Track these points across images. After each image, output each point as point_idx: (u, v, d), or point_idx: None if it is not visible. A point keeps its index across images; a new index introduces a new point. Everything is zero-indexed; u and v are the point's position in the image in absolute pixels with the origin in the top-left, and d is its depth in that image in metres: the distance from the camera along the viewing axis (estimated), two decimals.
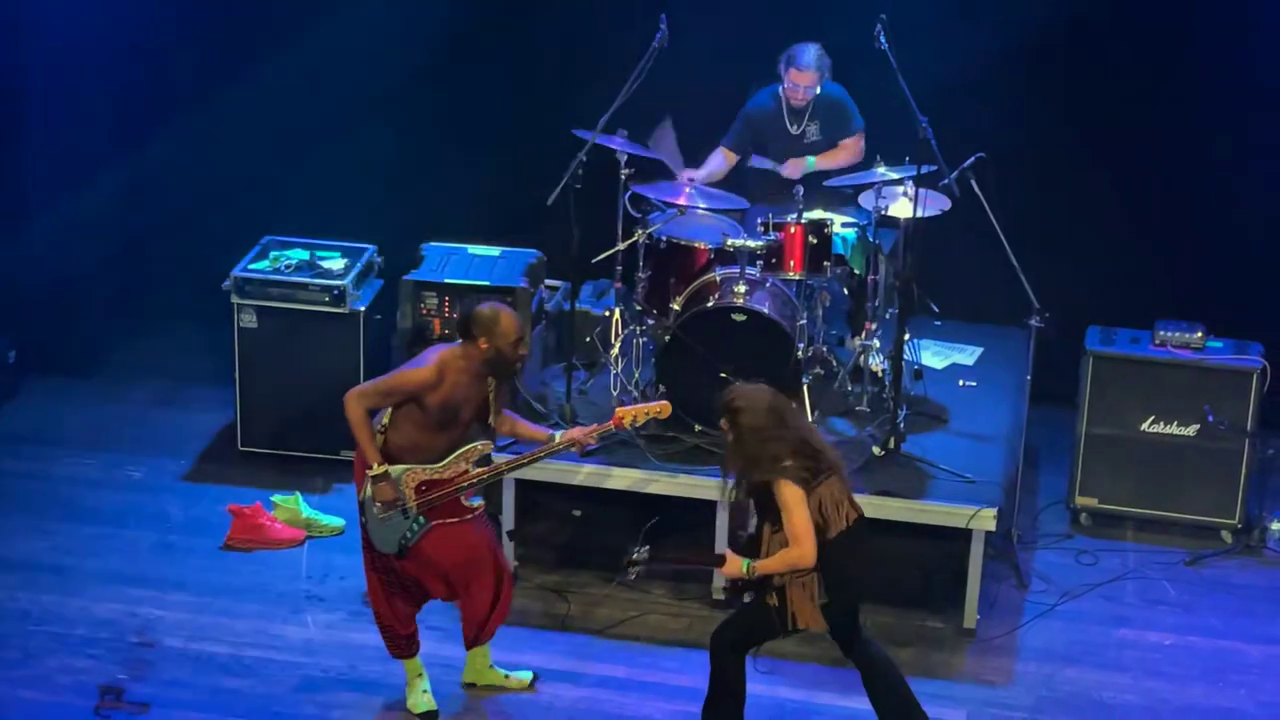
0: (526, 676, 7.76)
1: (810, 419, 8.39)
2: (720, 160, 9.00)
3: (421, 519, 7.24)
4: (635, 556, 7.00)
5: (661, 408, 7.61)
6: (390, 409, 7.26)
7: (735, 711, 7.16)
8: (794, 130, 8.96)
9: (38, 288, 9.99)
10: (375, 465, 7.18)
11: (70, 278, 10.03)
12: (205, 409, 9.78)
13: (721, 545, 8.23)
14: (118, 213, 10.04)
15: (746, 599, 7.23)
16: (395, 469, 7.20)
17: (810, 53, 8.78)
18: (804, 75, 8.79)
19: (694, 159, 8.93)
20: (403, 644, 7.53)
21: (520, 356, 7.29)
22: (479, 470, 7.31)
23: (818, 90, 8.85)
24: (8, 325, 10.02)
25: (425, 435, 7.20)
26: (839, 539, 6.88)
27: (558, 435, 7.47)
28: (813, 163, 8.85)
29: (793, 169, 8.84)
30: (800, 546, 6.82)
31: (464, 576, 7.41)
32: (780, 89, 8.92)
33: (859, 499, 7.22)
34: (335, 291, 9.17)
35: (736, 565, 6.95)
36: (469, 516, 7.36)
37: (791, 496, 6.80)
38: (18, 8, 9.63)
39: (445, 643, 7.79)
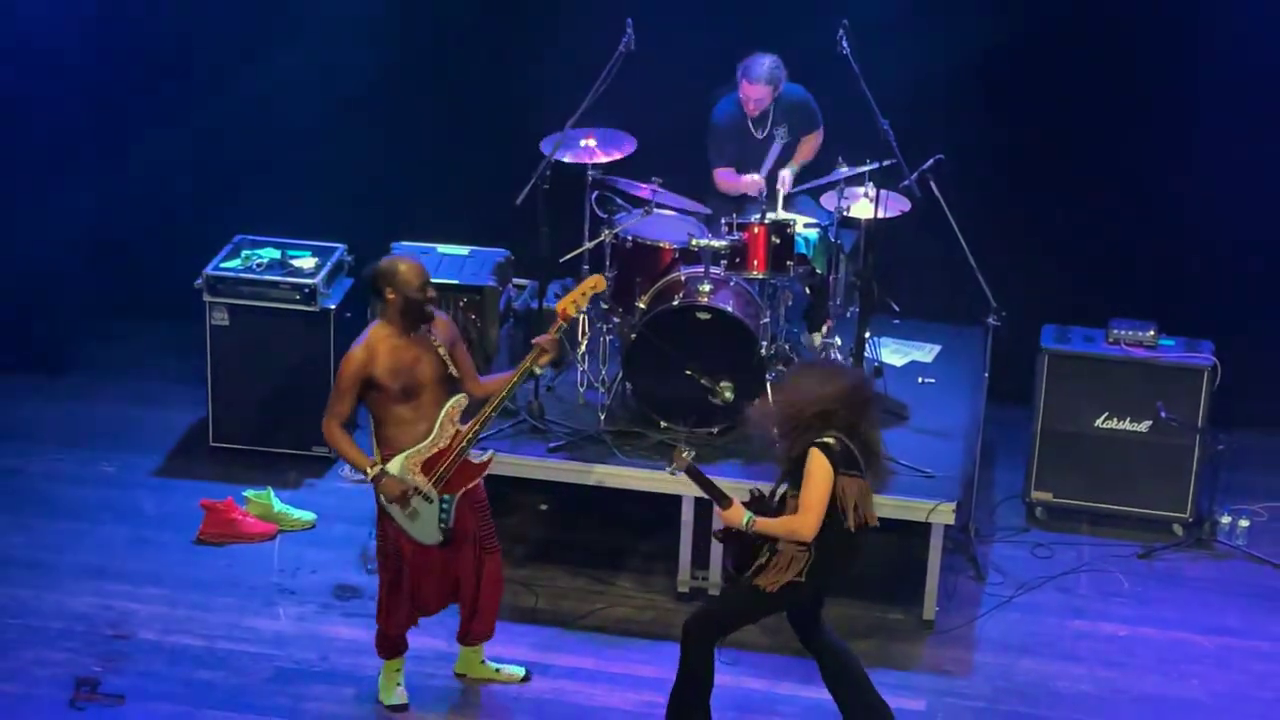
0: (519, 673, 7.76)
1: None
2: (735, 177, 8.99)
3: (447, 497, 7.22)
4: (685, 455, 6.94)
5: (594, 281, 7.57)
6: (371, 414, 7.24)
7: (702, 700, 7.17)
8: (759, 135, 8.97)
9: (10, 285, 9.93)
10: (369, 469, 7.18)
11: (43, 276, 9.98)
12: (178, 405, 9.75)
13: (687, 539, 8.26)
14: (91, 212, 10.00)
15: (711, 586, 7.20)
16: (394, 463, 7.18)
17: (763, 66, 8.79)
18: (755, 88, 8.81)
19: (662, 162, 8.88)
20: (394, 649, 7.53)
21: (429, 299, 7.19)
22: (469, 425, 7.28)
23: (769, 102, 8.86)
24: None
25: (402, 412, 7.18)
26: (842, 533, 6.88)
27: (524, 363, 7.43)
28: (793, 171, 8.89)
29: (784, 182, 8.86)
30: (805, 517, 6.78)
31: (477, 542, 7.42)
32: (738, 95, 8.94)
33: None
34: (306, 290, 9.16)
35: (738, 515, 6.90)
36: (483, 474, 7.35)
37: (820, 469, 6.76)
38: None
39: (421, 636, 7.77)
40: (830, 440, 6.78)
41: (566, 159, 8.51)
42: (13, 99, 9.74)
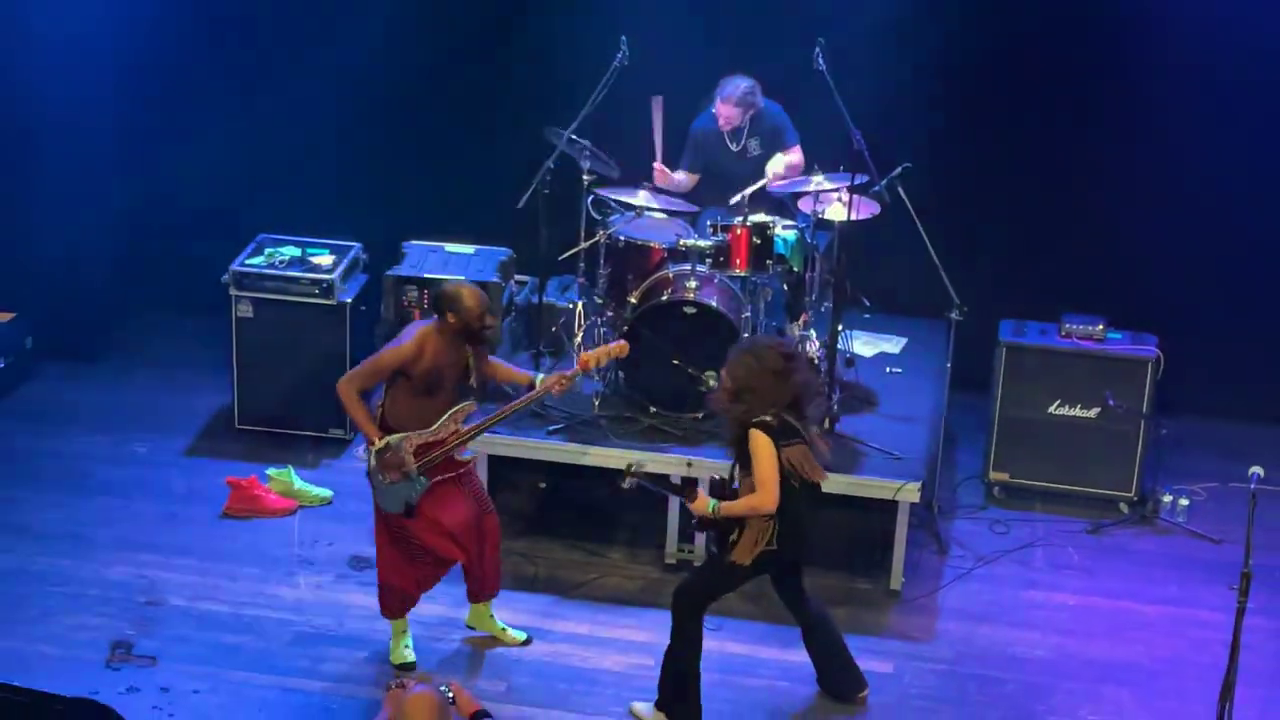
0: (522, 636, 7.78)
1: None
2: (685, 179, 9.02)
3: (423, 479, 7.25)
4: (633, 469, 7.00)
5: (619, 348, 7.62)
6: (386, 393, 7.28)
7: (693, 661, 7.18)
8: (734, 148, 8.96)
9: (52, 280, 9.93)
10: (376, 440, 7.20)
11: (82, 271, 9.98)
12: (205, 391, 9.73)
13: (674, 517, 8.27)
14: (126, 212, 10.00)
15: (696, 557, 7.21)
16: (394, 437, 7.21)
17: (738, 89, 8.78)
18: (726, 107, 8.81)
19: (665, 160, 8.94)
20: (396, 606, 7.54)
21: (486, 326, 7.27)
22: (469, 427, 7.33)
23: (739, 121, 8.85)
24: (25, 314, 9.95)
25: (417, 402, 7.22)
26: (799, 499, 6.90)
27: (539, 379, 7.46)
28: (777, 173, 8.86)
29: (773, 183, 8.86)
30: (763, 492, 6.81)
31: (469, 518, 7.44)
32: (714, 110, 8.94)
33: None
34: (324, 285, 9.14)
35: (704, 503, 6.95)
36: (462, 470, 7.40)
37: (762, 446, 6.80)
38: (29, 11, 9.54)
39: (427, 603, 7.77)
40: (767, 418, 6.84)
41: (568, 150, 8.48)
42: (54, 106, 9.70)
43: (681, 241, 8.45)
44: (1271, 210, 9.39)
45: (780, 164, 8.91)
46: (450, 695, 5.84)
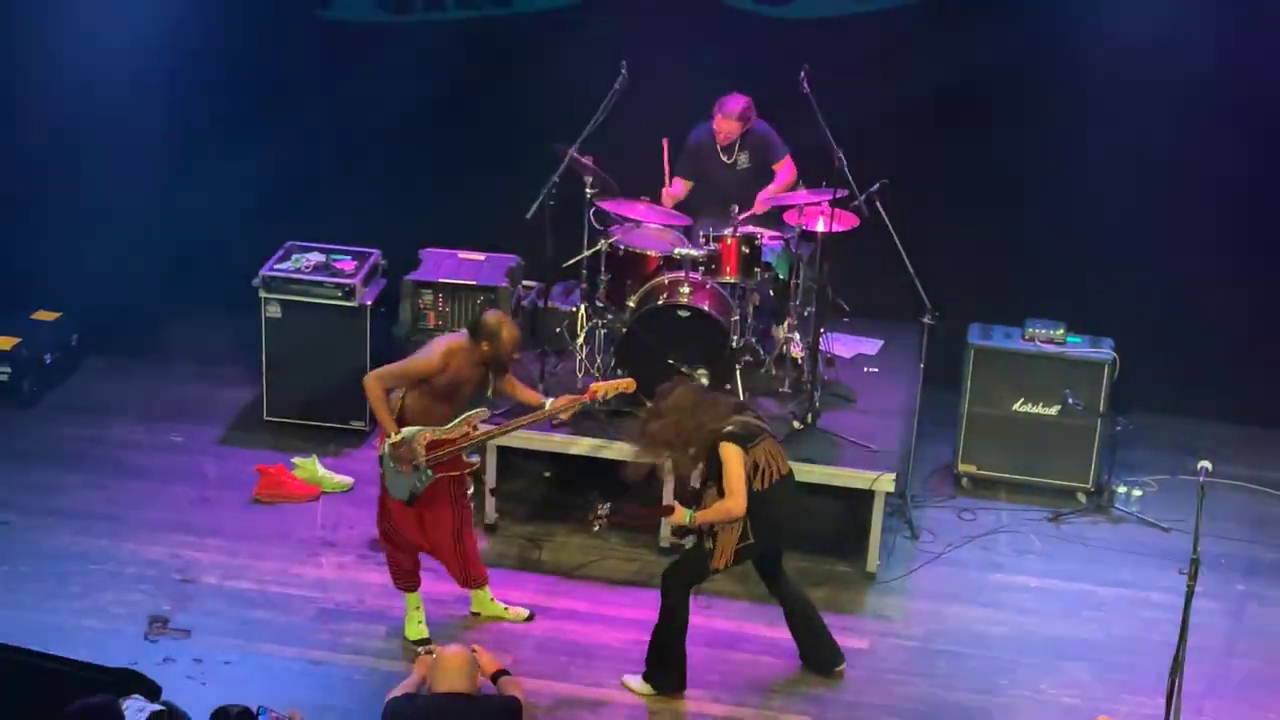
0: (524, 613, 7.77)
1: (742, 397, 8.39)
2: (680, 187, 9.00)
3: (429, 472, 7.24)
4: (600, 511, 7.05)
5: (627, 384, 7.68)
6: (406, 392, 7.28)
7: (679, 638, 7.18)
8: (727, 160, 8.96)
9: (96, 282, 9.91)
10: (394, 434, 7.19)
11: (124, 273, 9.95)
12: (237, 385, 9.72)
13: (667, 501, 8.24)
14: (165, 219, 9.97)
15: (688, 543, 7.23)
16: (409, 430, 7.20)
17: (736, 106, 8.76)
18: (726, 122, 8.79)
19: (653, 179, 8.90)
20: (404, 578, 7.55)
21: (513, 360, 7.38)
22: (480, 432, 7.34)
23: (736, 136, 8.83)
24: (71, 313, 9.95)
25: (434, 404, 7.25)
26: (770, 491, 6.91)
27: (548, 403, 7.48)
28: (769, 192, 8.85)
29: (761, 204, 8.84)
30: (733, 499, 6.88)
31: (446, 533, 7.46)
32: (712, 126, 8.92)
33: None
34: (346, 289, 9.13)
35: (681, 515, 7.01)
36: (467, 471, 7.40)
37: (731, 455, 6.86)
38: (78, 31, 9.49)
39: (442, 581, 7.76)
40: (730, 427, 6.90)
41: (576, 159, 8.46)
42: (100, 123, 9.70)
43: (676, 251, 8.45)
44: (1219, 225, 9.36)
45: (774, 188, 8.92)
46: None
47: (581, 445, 8.35)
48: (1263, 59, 9.02)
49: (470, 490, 7.61)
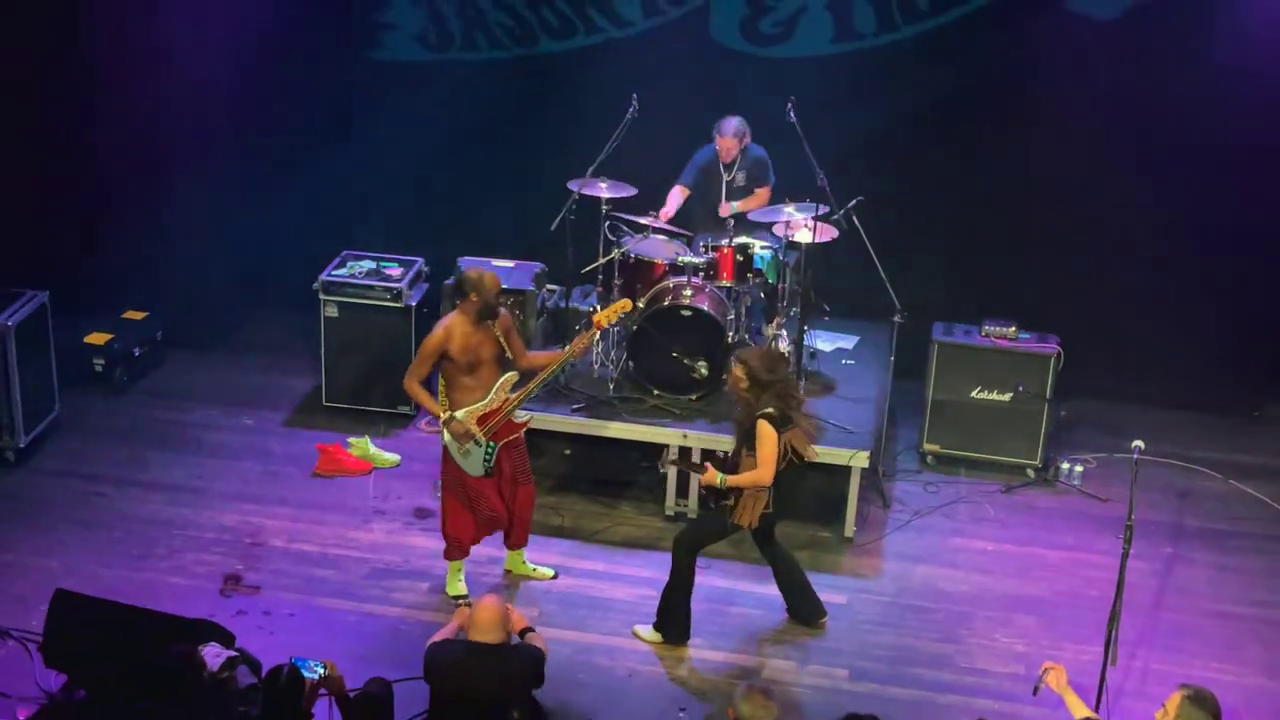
0: (549, 572, 7.78)
1: (672, 464, 8.35)
2: (678, 195, 8.99)
3: (491, 444, 7.25)
4: (670, 457, 7.32)
5: (624, 304, 7.61)
6: (441, 380, 7.27)
7: (685, 593, 7.20)
8: (727, 177, 8.96)
9: (178, 284, 9.93)
10: (443, 414, 7.21)
11: (202, 277, 9.97)
12: (299, 374, 9.73)
13: (672, 476, 8.27)
14: (237, 231, 9.96)
15: (713, 505, 7.22)
16: (459, 414, 7.21)
17: (731, 124, 8.76)
18: (725, 140, 8.79)
19: (659, 193, 8.92)
20: (455, 553, 7.56)
21: (500, 301, 7.25)
22: (517, 394, 7.32)
23: (737, 152, 8.84)
24: (156, 312, 9.95)
25: (466, 380, 7.23)
26: (789, 471, 6.96)
27: (566, 349, 7.49)
28: (735, 208, 8.80)
29: (724, 210, 8.83)
30: (764, 469, 6.90)
31: (516, 479, 7.45)
32: (715, 148, 8.93)
33: None
34: (394, 292, 9.14)
35: (714, 476, 7.00)
36: (521, 432, 7.38)
37: (767, 433, 6.86)
38: (165, 62, 9.52)
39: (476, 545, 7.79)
40: (771, 410, 6.87)
41: (586, 192, 8.47)
42: (182, 143, 9.69)
43: (680, 258, 8.46)
44: (1150, 238, 9.35)
45: (739, 205, 8.84)
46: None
47: (597, 427, 8.35)
48: (1196, 86, 9.01)
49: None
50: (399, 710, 6.13)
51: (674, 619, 7.27)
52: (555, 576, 7.78)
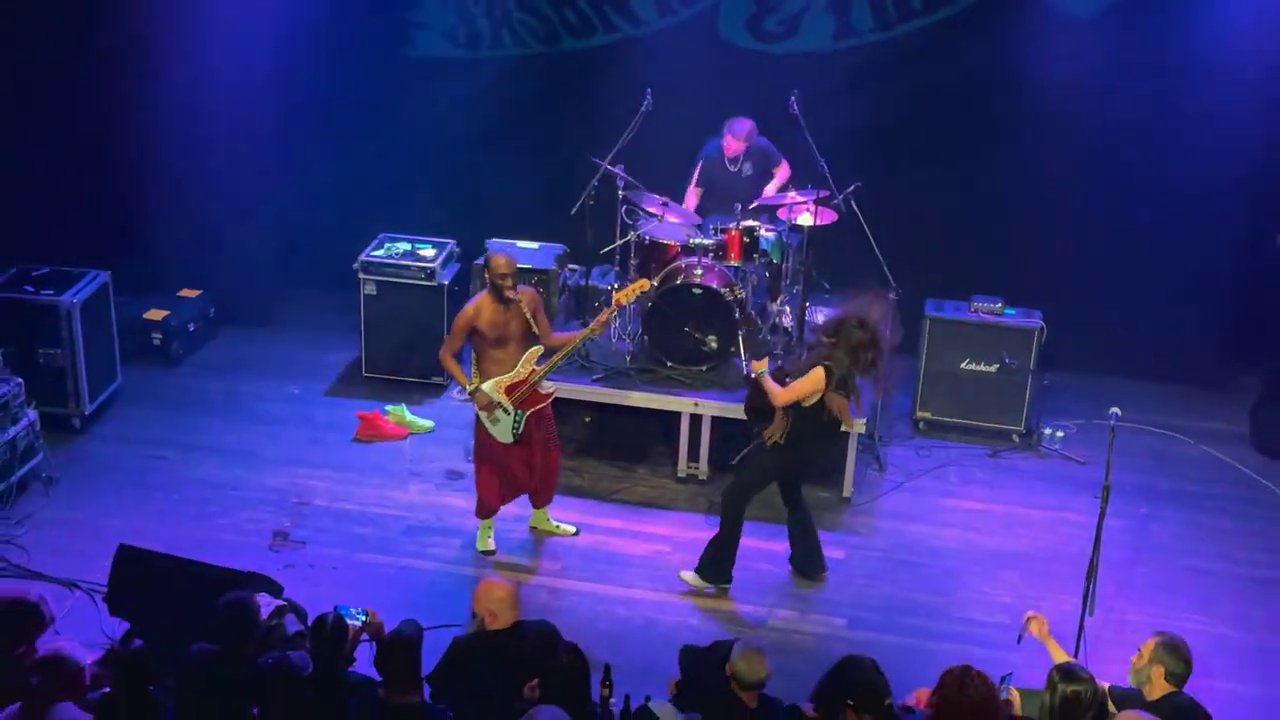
0: (571, 529, 7.78)
1: (742, 358, 8.38)
2: (693, 196, 8.96)
3: (519, 412, 7.24)
4: (758, 366, 7.02)
5: (643, 284, 7.57)
6: (474, 352, 7.26)
7: (731, 543, 7.20)
8: (733, 169, 8.91)
9: (230, 265, 9.90)
10: (468, 386, 7.20)
11: (251, 258, 9.95)
12: (341, 348, 9.73)
13: (684, 441, 8.24)
14: (283, 216, 9.95)
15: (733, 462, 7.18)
16: (487, 384, 7.21)
17: (743, 128, 8.70)
18: (733, 143, 8.74)
19: (673, 184, 8.87)
20: (487, 510, 7.55)
21: (507, 276, 7.21)
22: (543, 366, 7.31)
23: (741, 152, 8.79)
24: (210, 291, 9.96)
25: (495, 354, 7.23)
26: (818, 424, 6.90)
27: (589, 327, 7.48)
28: (768, 191, 8.79)
29: (762, 199, 8.76)
30: (784, 393, 6.88)
31: (541, 456, 7.45)
32: (720, 141, 8.87)
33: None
34: (428, 271, 9.13)
35: (760, 365, 7.00)
36: (549, 401, 7.37)
37: (815, 375, 6.81)
38: (216, 57, 9.45)
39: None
40: (832, 366, 6.78)
41: (609, 168, 8.42)
42: (231, 133, 9.63)
43: (691, 240, 8.43)
44: (1127, 220, 9.30)
45: (774, 186, 8.86)
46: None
47: (615, 396, 8.34)
48: (1171, 77, 8.94)
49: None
50: (429, 657, 6.11)
51: (718, 564, 7.27)
52: (577, 533, 7.78)
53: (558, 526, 7.79)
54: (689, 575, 7.35)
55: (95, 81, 9.68)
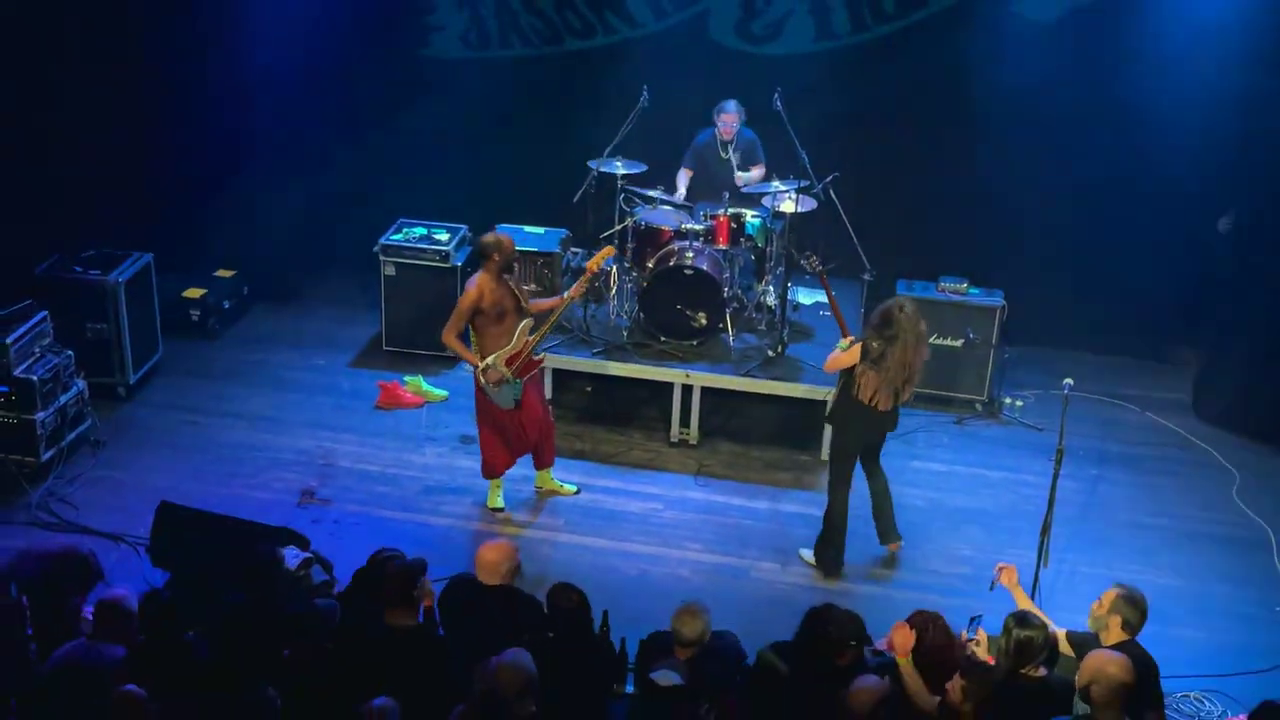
0: (573, 487, 7.81)
1: (730, 334, 8.39)
2: (685, 177, 8.96)
3: (518, 381, 7.25)
4: (814, 265, 7.11)
5: (607, 250, 7.54)
6: (472, 331, 7.26)
7: (837, 519, 7.11)
8: (724, 156, 8.91)
9: (262, 247, 9.84)
10: (479, 363, 7.20)
11: (280, 243, 9.90)
12: (363, 324, 9.72)
13: (676, 408, 8.23)
14: (310, 202, 9.88)
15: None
16: (490, 358, 7.21)
17: (732, 103, 8.73)
18: (729, 116, 8.73)
19: (665, 169, 8.86)
20: (493, 471, 7.57)
21: (515, 255, 7.23)
22: (535, 335, 7.32)
23: (738, 126, 8.77)
24: (243, 270, 9.94)
25: (494, 328, 7.22)
26: (854, 401, 6.87)
27: (567, 293, 7.44)
28: (745, 178, 8.80)
29: (738, 179, 8.79)
30: (828, 363, 6.98)
31: (541, 414, 7.47)
32: (715, 130, 8.86)
33: (761, 384, 7.21)
34: (442, 253, 9.11)
35: (845, 341, 6.98)
36: (539, 368, 7.42)
37: (849, 354, 6.84)
38: (246, 53, 9.41)
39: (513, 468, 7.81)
40: (874, 343, 6.76)
41: (604, 169, 8.44)
42: (265, 131, 9.63)
43: (683, 225, 8.43)
44: (1083, 206, 9.29)
45: (751, 176, 8.86)
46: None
47: (613, 368, 8.35)
48: (1126, 75, 8.92)
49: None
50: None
51: (827, 546, 7.15)
52: (578, 492, 7.80)
53: (561, 486, 7.81)
54: (806, 553, 7.26)
55: (141, 83, 9.65)
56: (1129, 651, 5.28)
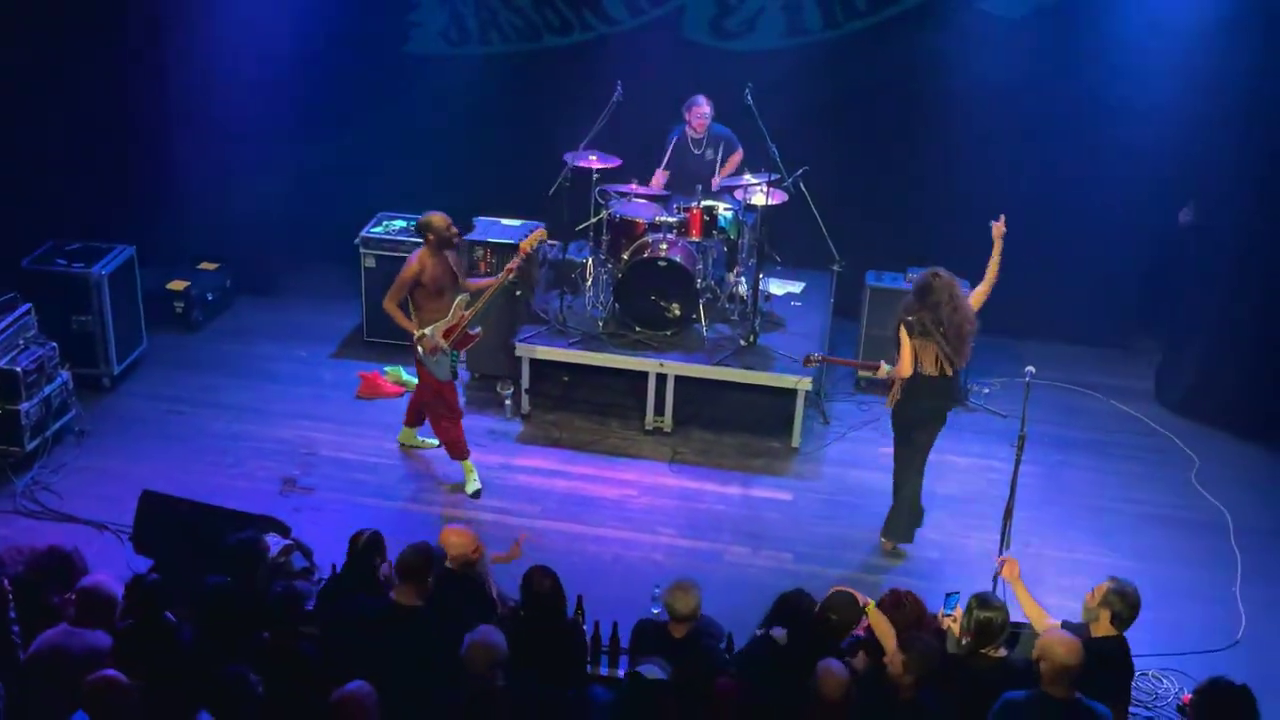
0: (434, 442, 7.87)
1: (703, 324, 8.41)
2: (661, 177, 8.95)
3: (455, 352, 7.31)
4: (812, 359, 7.20)
5: (540, 233, 7.61)
6: (411, 304, 7.30)
7: (912, 525, 7.20)
8: (697, 152, 8.91)
9: (245, 240, 9.83)
10: (416, 332, 7.25)
11: (262, 236, 9.88)
12: (344, 315, 9.69)
13: (650, 396, 8.26)
14: (292, 197, 9.86)
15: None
16: (429, 329, 7.25)
17: (699, 99, 8.73)
18: (700, 109, 8.72)
19: (639, 163, 8.87)
20: (461, 450, 7.59)
21: (454, 234, 7.31)
22: (468, 311, 7.38)
23: (709, 119, 8.77)
24: (226, 263, 9.91)
25: (432, 303, 7.29)
26: (917, 375, 6.89)
27: (500, 274, 7.49)
28: (720, 181, 8.79)
29: (715, 183, 8.77)
30: (901, 364, 6.89)
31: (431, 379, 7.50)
32: (685, 127, 8.86)
33: (734, 372, 7.23)
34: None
35: (883, 369, 7.07)
36: (474, 341, 7.49)
37: (903, 338, 6.82)
38: (231, 51, 9.37)
39: (488, 453, 7.81)
40: (912, 318, 6.77)
41: (579, 163, 8.44)
42: (247, 130, 9.56)
43: (657, 218, 8.43)
44: (1042, 197, 9.31)
45: (730, 165, 8.87)
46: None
47: (590, 358, 8.34)
48: (1088, 73, 8.96)
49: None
50: None
51: (896, 520, 7.24)
52: (439, 446, 7.75)
53: (423, 441, 7.90)
54: (885, 540, 7.29)
55: (125, 77, 9.58)
56: (1110, 646, 5.29)
